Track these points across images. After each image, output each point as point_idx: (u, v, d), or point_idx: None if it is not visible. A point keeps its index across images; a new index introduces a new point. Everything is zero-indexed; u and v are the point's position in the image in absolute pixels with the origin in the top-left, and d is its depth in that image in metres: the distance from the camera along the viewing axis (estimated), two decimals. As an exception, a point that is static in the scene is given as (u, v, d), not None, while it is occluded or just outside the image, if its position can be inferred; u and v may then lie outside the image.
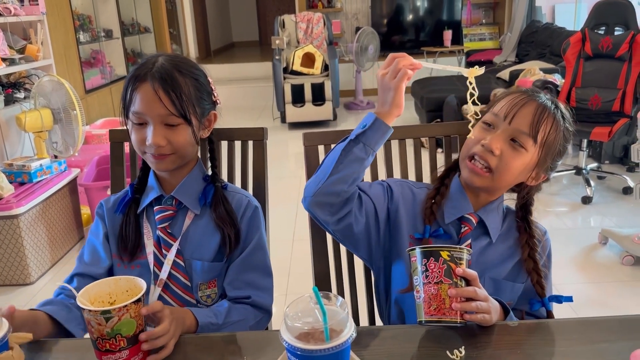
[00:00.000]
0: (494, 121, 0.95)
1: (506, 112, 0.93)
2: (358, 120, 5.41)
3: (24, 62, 3.19)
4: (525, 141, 0.92)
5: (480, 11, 6.77)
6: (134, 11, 5.41)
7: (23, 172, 2.60)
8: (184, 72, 0.96)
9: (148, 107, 0.93)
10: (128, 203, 1.03)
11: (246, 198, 1.06)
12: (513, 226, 1.01)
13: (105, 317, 0.73)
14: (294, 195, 3.45)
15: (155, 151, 0.95)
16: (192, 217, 1.02)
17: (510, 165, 0.92)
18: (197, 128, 0.99)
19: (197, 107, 0.97)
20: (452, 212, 0.98)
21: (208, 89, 1.02)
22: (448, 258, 0.78)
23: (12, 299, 2.36)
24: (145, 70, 0.94)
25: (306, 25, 5.63)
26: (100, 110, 4.26)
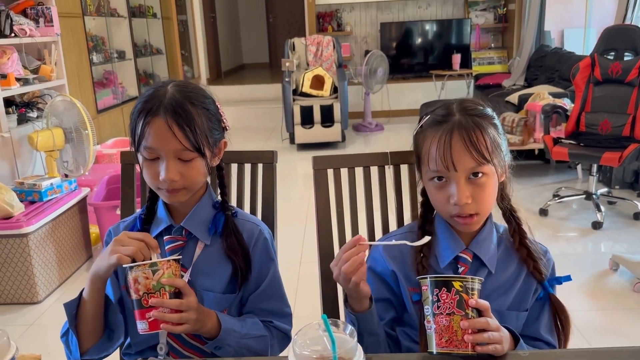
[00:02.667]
0: (440, 176, 0.91)
1: (444, 163, 0.88)
2: (366, 142, 5.41)
3: (38, 82, 3.25)
4: (481, 169, 0.89)
5: (489, 35, 6.82)
6: (146, 33, 5.50)
7: (34, 190, 2.62)
8: (196, 103, 0.94)
9: (162, 143, 0.91)
10: None
11: (257, 227, 1.05)
12: (510, 249, 0.98)
13: (152, 270, 0.83)
14: (302, 217, 3.45)
15: (168, 186, 0.94)
16: (203, 247, 1.00)
17: (486, 198, 0.91)
18: (210, 158, 0.98)
19: (209, 137, 0.96)
20: (445, 254, 0.95)
21: (218, 116, 1.00)
22: (460, 289, 0.78)
23: (19, 318, 2.36)
24: (157, 103, 0.92)
25: (316, 48, 5.69)
26: (112, 130, 4.30)
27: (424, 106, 5.02)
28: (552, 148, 3.16)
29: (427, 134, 0.93)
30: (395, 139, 5.61)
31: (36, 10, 3.37)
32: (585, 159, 3.18)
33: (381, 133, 5.94)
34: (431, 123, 0.93)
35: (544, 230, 3.10)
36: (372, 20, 6.82)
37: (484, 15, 6.71)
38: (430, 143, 0.91)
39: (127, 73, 4.90)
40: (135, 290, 0.84)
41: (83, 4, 4.02)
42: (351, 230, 1.11)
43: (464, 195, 0.88)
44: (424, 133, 0.94)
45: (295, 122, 5.19)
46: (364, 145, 5.49)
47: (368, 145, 5.47)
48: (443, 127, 0.90)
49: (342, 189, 1.13)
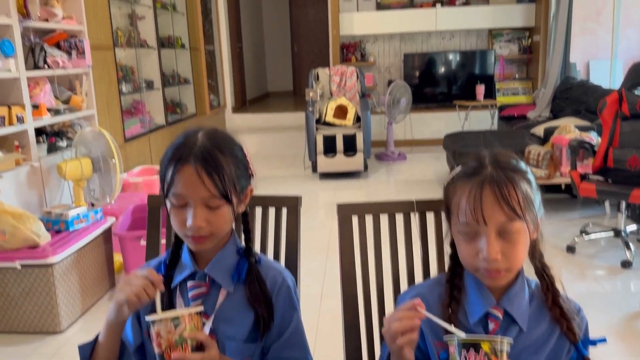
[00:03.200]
0: (469, 229, 0.89)
1: (474, 216, 0.87)
2: (389, 171, 5.41)
3: (69, 112, 3.33)
4: (513, 226, 0.87)
5: (514, 66, 6.81)
6: (175, 63, 5.63)
7: (60, 220, 2.66)
8: (225, 151, 0.96)
9: (191, 190, 0.93)
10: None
11: (281, 275, 1.04)
12: (542, 305, 0.95)
13: (174, 324, 0.84)
14: (324, 248, 3.43)
15: (194, 233, 0.95)
16: (226, 294, 1.00)
17: (517, 255, 0.89)
18: (236, 205, 0.99)
19: (236, 185, 0.97)
20: (475, 310, 0.93)
21: (245, 164, 1.02)
22: (489, 350, 0.76)
23: (41, 348, 2.38)
24: (187, 151, 0.94)
25: (339, 78, 5.75)
26: (138, 158, 4.37)
27: (447, 137, 5.02)
28: (580, 184, 3.10)
29: (457, 186, 0.91)
30: (418, 169, 5.59)
31: (69, 42, 3.48)
32: (614, 196, 3.12)
33: (404, 162, 5.92)
34: (462, 175, 0.92)
35: (571, 269, 3.03)
36: (396, 50, 6.87)
37: (508, 47, 6.71)
38: (460, 195, 0.90)
39: (154, 102, 5.01)
40: (157, 344, 0.85)
41: (114, 36, 4.14)
42: (375, 279, 1.10)
43: (493, 250, 0.86)
44: (454, 184, 0.92)
45: (317, 151, 5.22)
46: (387, 174, 5.48)
47: (390, 175, 5.46)
48: (474, 179, 0.88)
49: (367, 237, 1.12)
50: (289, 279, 1.05)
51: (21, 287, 2.44)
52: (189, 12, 5.90)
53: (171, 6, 5.46)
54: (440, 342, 0.91)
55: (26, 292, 2.45)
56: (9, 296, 2.45)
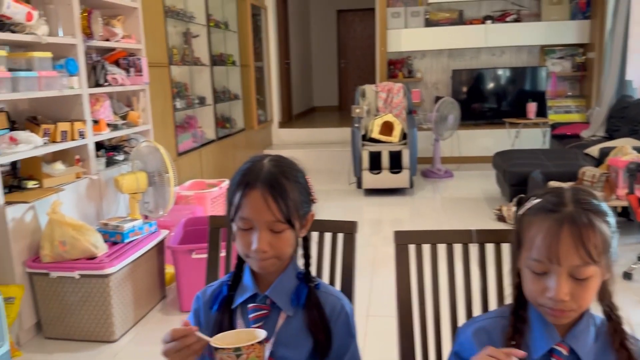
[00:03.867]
0: (541, 267, 0.87)
1: (547, 255, 0.85)
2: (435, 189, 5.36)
3: (126, 128, 3.46)
4: (586, 270, 0.85)
5: (566, 83, 6.64)
6: (226, 80, 5.77)
7: (117, 232, 2.76)
8: (290, 177, 1.00)
9: (257, 214, 0.96)
10: (223, 301, 1.06)
11: (339, 301, 1.06)
12: (608, 344, 0.93)
13: (236, 354, 0.84)
14: (368, 265, 3.42)
15: (259, 256, 0.98)
16: (285, 318, 1.03)
17: (585, 297, 0.87)
18: (299, 230, 1.02)
19: (299, 210, 1.00)
20: (539, 345, 0.91)
21: (308, 190, 1.05)
22: None
23: (96, 356, 2.46)
24: (254, 176, 0.98)
25: (386, 95, 5.75)
26: (190, 171, 4.49)
27: (497, 155, 4.93)
28: (638, 209, 2.99)
29: (534, 220, 0.90)
30: (465, 187, 5.51)
31: (128, 60, 3.62)
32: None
33: (450, 180, 5.85)
34: (540, 208, 0.90)
35: (629, 295, 2.91)
36: (444, 67, 6.82)
37: (560, 63, 6.55)
38: (536, 230, 0.88)
39: (206, 117, 5.14)
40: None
41: (170, 53, 4.28)
42: (433, 309, 1.10)
43: (562, 292, 0.85)
44: (530, 217, 0.91)
45: (363, 167, 5.22)
46: (433, 192, 5.42)
47: (437, 192, 5.40)
48: (553, 216, 0.87)
49: (424, 266, 1.12)
50: (347, 306, 1.06)
51: (78, 296, 2.54)
52: (241, 30, 6.05)
53: (224, 25, 5.61)
54: None
55: (83, 301, 2.54)
56: (67, 304, 2.55)
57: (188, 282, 2.81)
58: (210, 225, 1.23)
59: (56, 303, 2.56)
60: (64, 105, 3.01)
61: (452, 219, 4.35)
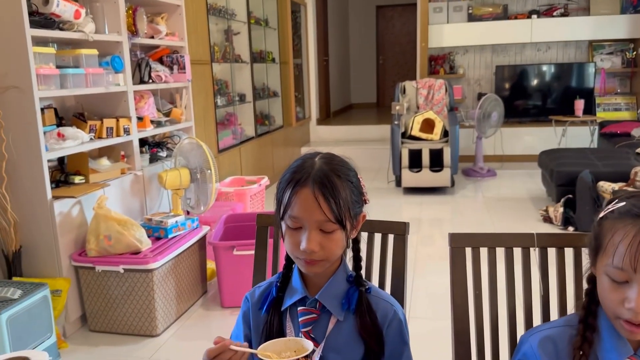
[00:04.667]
0: (623, 276, 0.82)
1: (632, 264, 0.80)
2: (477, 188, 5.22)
3: (169, 124, 3.50)
4: None
5: (616, 80, 6.38)
6: (265, 77, 5.78)
7: (160, 227, 2.79)
8: (342, 176, 0.96)
9: (307, 213, 0.93)
10: (272, 302, 1.04)
11: (392, 307, 1.02)
12: None
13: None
14: (409, 266, 3.36)
15: (307, 256, 0.95)
16: (335, 322, 0.99)
17: None
18: (349, 231, 0.98)
19: (351, 210, 0.96)
20: (609, 357, 0.85)
21: (360, 189, 1.01)
22: None
23: (138, 350, 2.49)
24: (305, 174, 0.94)
25: (427, 92, 5.65)
26: (230, 168, 4.52)
27: (544, 154, 4.77)
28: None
29: (617, 224, 0.84)
30: (508, 186, 5.37)
31: (171, 58, 3.66)
32: None
33: (493, 179, 5.71)
34: (625, 213, 0.84)
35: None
36: (487, 63, 6.67)
37: (610, 59, 6.31)
38: (620, 236, 0.82)
39: (246, 114, 5.16)
40: None
41: (211, 51, 4.31)
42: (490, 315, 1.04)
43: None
44: (612, 221, 0.85)
45: (402, 165, 5.14)
46: (474, 191, 5.30)
47: (479, 192, 5.27)
48: (637, 221, 0.81)
49: (481, 270, 1.07)
50: (400, 312, 1.02)
51: (122, 290, 2.58)
52: (280, 27, 6.05)
53: (264, 22, 5.63)
54: None
55: (127, 295, 2.58)
56: (111, 298, 2.60)
57: (229, 278, 2.82)
58: (257, 223, 1.21)
59: (101, 297, 2.61)
60: (110, 102, 3.06)
61: (495, 219, 4.23)
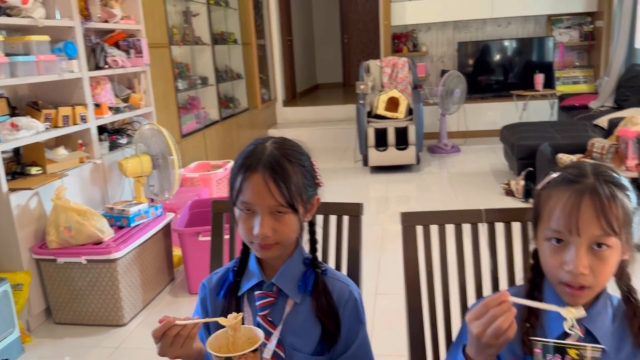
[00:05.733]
0: (561, 237, 0.85)
1: (567, 225, 0.83)
2: (442, 164, 5.28)
3: (128, 110, 3.43)
4: (606, 241, 0.83)
5: (574, 53, 6.51)
6: (227, 59, 5.70)
7: (122, 216, 2.75)
8: (293, 160, 0.96)
9: (258, 198, 0.93)
10: (229, 287, 1.04)
11: (347, 287, 1.03)
12: (625, 327, 0.90)
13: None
14: (375, 244, 3.41)
15: (261, 241, 0.96)
16: (293, 305, 1.00)
17: (604, 273, 0.85)
18: (302, 215, 0.99)
19: (303, 194, 0.97)
20: (554, 326, 0.88)
21: (313, 173, 1.01)
22: (576, 357, 0.74)
23: (105, 340, 2.48)
24: (256, 159, 0.94)
25: (391, 70, 5.66)
26: (194, 153, 4.46)
27: (505, 128, 4.86)
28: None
29: (553, 192, 0.88)
30: (472, 161, 5.46)
31: (128, 42, 3.57)
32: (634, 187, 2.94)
33: (457, 155, 5.79)
34: (560, 181, 0.88)
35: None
36: (449, 39, 6.71)
37: (568, 33, 6.42)
38: (556, 201, 0.86)
39: (209, 98, 5.09)
40: None
41: (170, 33, 4.22)
42: (442, 290, 1.07)
43: (581, 264, 0.82)
44: (549, 190, 0.89)
45: (369, 145, 5.17)
46: (440, 167, 5.37)
47: (444, 168, 5.35)
48: (574, 187, 0.85)
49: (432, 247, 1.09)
50: (356, 292, 1.03)
51: (86, 281, 2.55)
52: (241, 7, 5.95)
53: (224, 2, 5.52)
54: (515, 358, 0.88)
55: (91, 285, 2.55)
56: (75, 289, 2.56)
57: (196, 264, 2.81)
58: (213, 210, 1.20)
59: (64, 288, 2.57)
60: (65, 89, 2.97)
61: (459, 195, 4.31)
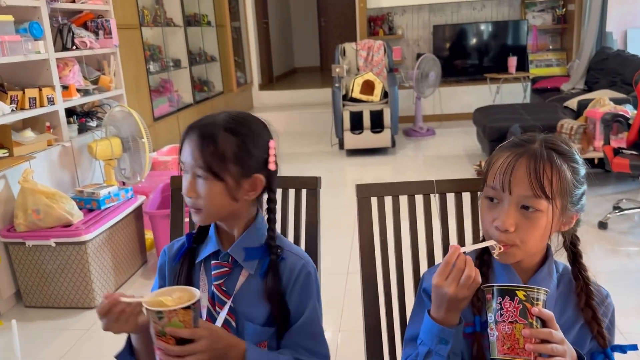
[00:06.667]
0: (495, 194, 0.89)
1: (501, 182, 0.87)
2: (417, 147, 5.30)
3: (97, 93, 3.38)
4: (536, 203, 0.86)
5: (547, 36, 6.59)
6: (201, 41, 5.63)
7: (92, 199, 2.73)
8: (232, 130, 0.97)
9: (185, 157, 0.98)
10: (185, 253, 1.05)
11: (301, 261, 1.04)
12: (570, 290, 0.95)
13: (158, 316, 0.83)
14: (349, 225, 3.44)
15: (186, 201, 0.99)
16: (247, 276, 1.02)
17: (531, 234, 0.88)
18: (233, 188, 0.98)
19: (234, 166, 0.97)
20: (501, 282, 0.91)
21: (258, 152, 1.00)
22: (524, 298, 0.78)
23: (76, 323, 2.47)
24: (197, 123, 0.99)
25: (367, 53, 5.67)
26: (167, 136, 4.43)
27: (478, 111, 4.92)
28: (613, 159, 3.01)
29: (499, 154, 0.92)
30: (447, 144, 5.51)
31: (96, 22, 3.51)
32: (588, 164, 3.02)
33: (432, 138, 5.84)
34: (508, 145, 0.92)
35: (603, 245, 2.96)
36: (425, 23, 6.72)
37: (541, 16, 6.49)
38: (498, 161, 0.90)
39: (182, 81, 5.04)
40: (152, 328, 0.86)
41: (140, 15, 4.16)
42: (395, 261, 1.09)
43: (508, 221, 0.86)
44: (497, 153, 0.93)
45: (344, 128, 5.19)
46: (415, 150, 5.42)
47: (419, 151, 5.40)
48: (517, 149, 0.89)
49: (386, 218, 1.12)
50: (310, 265, 1.04)
51: (56, 264, 2.53)
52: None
53: (197, -17, 5.45)
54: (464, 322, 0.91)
55: (61, 268, 2.53)
56: (45, 272, 2.54)
57: (167, 247, 2.80)
58: (172, 185, 1.21)
59: (34, 272, 2.55)
60: (31, 71, 2.92)
61: (433, 177, 4.34)
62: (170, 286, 0.96)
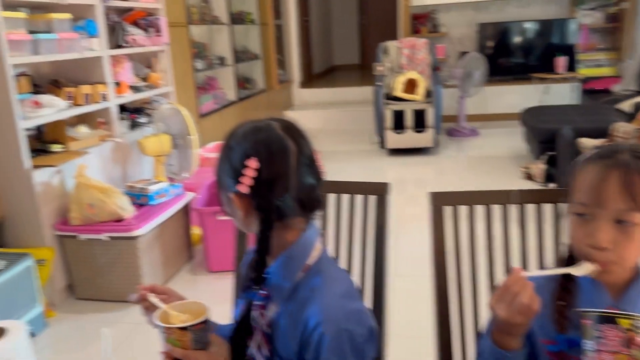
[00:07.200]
0: (586, 210, 0.84)
1: (592, 197, 0.83)
2: (460, 148, 5.20)
3: (147, 90, 3.43)
4: (632, 216, 0.81)
5: (597, 36, 6.37)
6: (245, 39, 5.67)
7: (143, 194, 2.78)
8: (233, 147, 0.91)
9: None
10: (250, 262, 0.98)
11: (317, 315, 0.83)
12: None
13: (159, 330, 0.85)
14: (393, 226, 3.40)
15: None
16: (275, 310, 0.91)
17: (629, 250, 0.83)
18: (227, 204, 0.93)
19: (220, 180, 0.93)
20: (586, 299, 0.87)
21: (236, 166, 0.88)
22: (629, 327, 0.73)
23: (126, 316, 2.52)
24: None
25: (410, 51, 5.59)
26: (213, 133, 4.47)
27: (526, 111, 4.79)
28: (675, 165, 2.88)
29: (585, 167, 0.87)
30: (491, 145, 5.40)
31: (147, 20, 3.56)
32: None
33: (476, 139, 5.73)
34: (595, 156, 0.87)
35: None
36: (469, 20, 6.59)
37: (592, 15, 6.27)
38: (585, 175, 0.85)
39: (226, 78, 5.08)
40: None
41: (188, 13, 4.20)
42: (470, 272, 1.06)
43: (604, 238, 0.82)
44: (582, 166, 0.88)
45: (386, 127, 5.14)
46: (457, 151, 5.33)
47: (462, 151, 5.31)
48: (605, 161, 0.84)
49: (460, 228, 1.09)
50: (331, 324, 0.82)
51: (108, 258, 2.58)
52: (259, -14, 5.91)
53: (242, -19, 5.49)
54: (548, 339, 0.88)
55: (112, 262, 2.58)
56: (97, 266, 2.60)
57: (214, 243, 2.83)
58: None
59: (86, 265, 2.61)
60: (86, 67, 2.98)
61: (478, 178, 4.28)
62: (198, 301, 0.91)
